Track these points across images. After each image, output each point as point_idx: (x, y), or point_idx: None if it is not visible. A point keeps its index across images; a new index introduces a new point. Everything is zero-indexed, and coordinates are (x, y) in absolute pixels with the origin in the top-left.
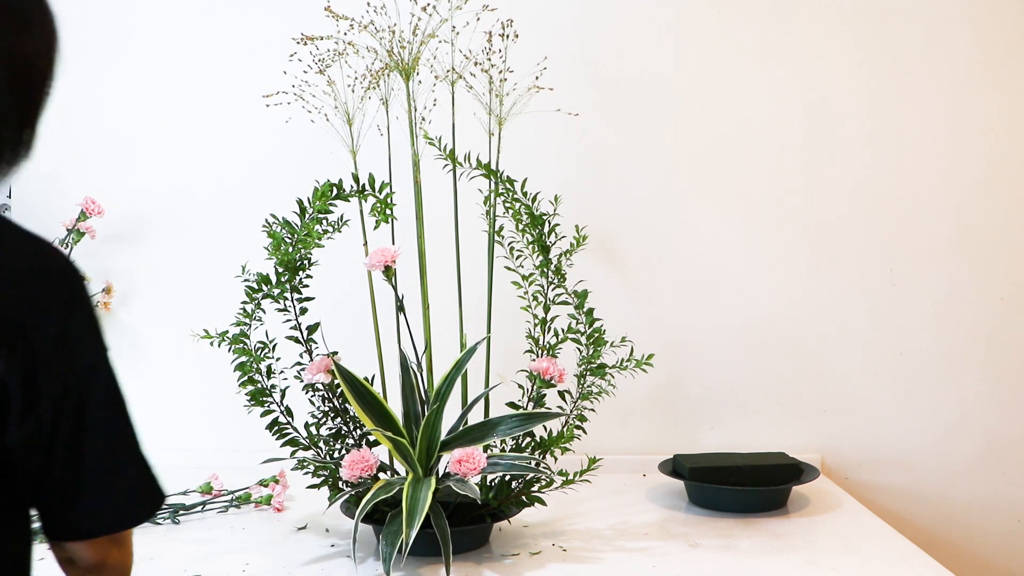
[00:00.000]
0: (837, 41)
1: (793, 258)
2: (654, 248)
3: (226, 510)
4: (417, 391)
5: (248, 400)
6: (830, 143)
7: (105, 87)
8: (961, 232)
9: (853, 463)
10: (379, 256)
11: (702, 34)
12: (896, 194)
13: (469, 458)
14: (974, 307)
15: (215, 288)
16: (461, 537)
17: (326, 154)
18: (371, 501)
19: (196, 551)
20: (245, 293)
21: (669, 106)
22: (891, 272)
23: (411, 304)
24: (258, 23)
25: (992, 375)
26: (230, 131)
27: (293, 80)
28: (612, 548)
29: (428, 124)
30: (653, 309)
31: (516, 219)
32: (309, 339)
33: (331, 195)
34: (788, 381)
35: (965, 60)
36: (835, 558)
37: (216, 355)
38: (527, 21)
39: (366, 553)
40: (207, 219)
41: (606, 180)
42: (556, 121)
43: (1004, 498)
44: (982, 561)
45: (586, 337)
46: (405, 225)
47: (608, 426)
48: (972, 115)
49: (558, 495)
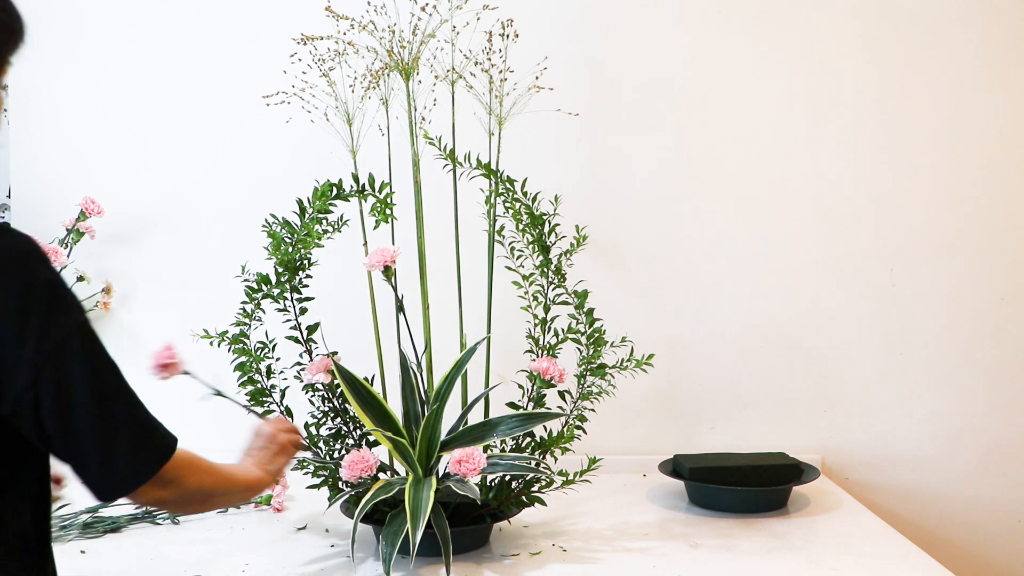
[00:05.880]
0: (838, 42)
1: (794, 258)
2: (654, 248)
3: (226, 510)
4: (417, 391)
5: (248, 400)
6: (830, 143)
7: (105, 87)
8: (962, 232)
9: (853, 463)
10: (379, 256)
11: (702, 34)
12: (897, 194)
13: (469, 458)
14: (975, 307)
15: (215, 288)
16: (461, 537)
17: (326, 154)
18: (371, 501)
19: (196, 551)
20: (245, 293)
21: (669, 106)
22: (892, 272)
23: (411, 304)
24: (258, 23)
25: (992, 375)
26: (230, 131)
27: (293, 80)
28: (612, 548)
29: (428, 124)
30: (653, 309)
31: (516, 219)
32: (309, 339)
33: (331, 195)
34: (788, 381)
35: (966, 61)
36: (835, 558)
37: (216, 355)
38: (527, 21)
39: (366, 553)
40: (207, 219)
41: (606, 180)
42: (556, 121)
43: (1004, 498)
44: (982, 561)
45: (586, 337)
46: (405, 225)
47: (608, 426)
48: (973, 116)
49: (558, 495)
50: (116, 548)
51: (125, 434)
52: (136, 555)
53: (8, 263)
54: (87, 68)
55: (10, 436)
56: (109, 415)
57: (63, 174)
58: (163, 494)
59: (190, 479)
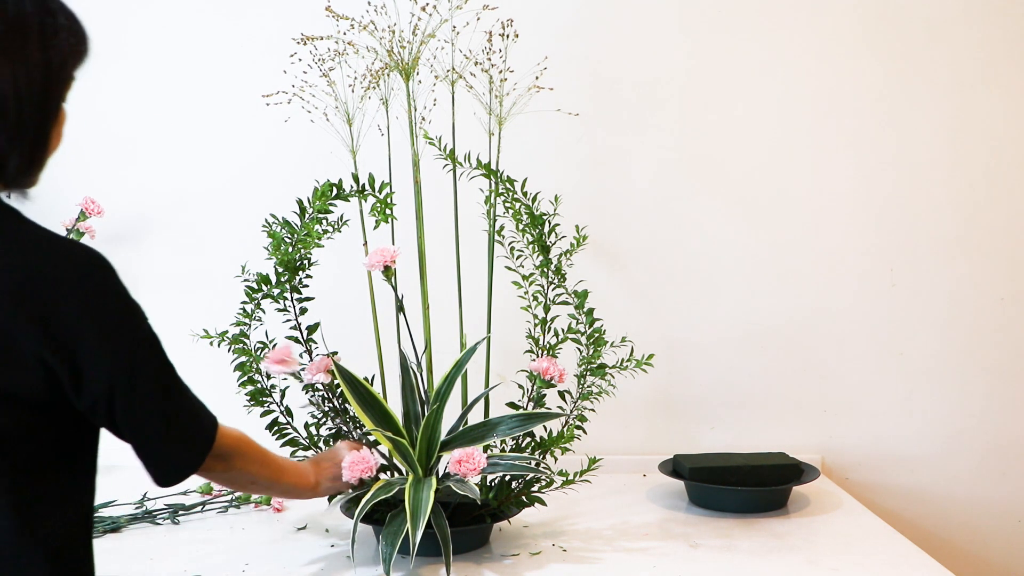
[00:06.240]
0: (838, 42)
1: (794, 258)
2: (654, 248)
3: (226, 510)
4: (417, 391)
5: (248, 400)
6: (831, 144)
7: (105, 87)
8: (962, 233)
9: (853, 463)
10: (379, 256)
11: (703, 34)
12: (897, 194)
13: (469, 458)
14: (975, 307)
15: (215, 288)
16: (461, 537)
17: (326, 154)
18: (371, 501)
19: (196, 551)
20: (245, 293)
21: (669, 106)
22: (892, 272)
23: (411, 304)
24: (258, 23)
25: (992, 375)
26: (230, 131)
27: (293, 80)
28: (612, 548)
29: (428, 124)
30: (653, 309)
31: (516, 219)
32: (309, 339)
33: (331, 195)
34: (788, 381)
35: (967, 61)
36: (835, 558)
37: (216, 355)
38: (527, 21)
39: (366, 553)
40: (207, 219)
41: (606, 180)
42: (556, 121)
43: (1004, 498)
44: (982, 561)
45: (586, 337)
46: (405, 225)
47: (608, 426)
48: (974, 116)
49: (558, 495)
50: (116, 548)
51: (181, 430)
52: (136, 555)
53: (83, 277)
54: (87, 68)
55: (74, 424)
56: (169, 412)
57: (63, 174)
58: (211, 475)
59: (236, 462)
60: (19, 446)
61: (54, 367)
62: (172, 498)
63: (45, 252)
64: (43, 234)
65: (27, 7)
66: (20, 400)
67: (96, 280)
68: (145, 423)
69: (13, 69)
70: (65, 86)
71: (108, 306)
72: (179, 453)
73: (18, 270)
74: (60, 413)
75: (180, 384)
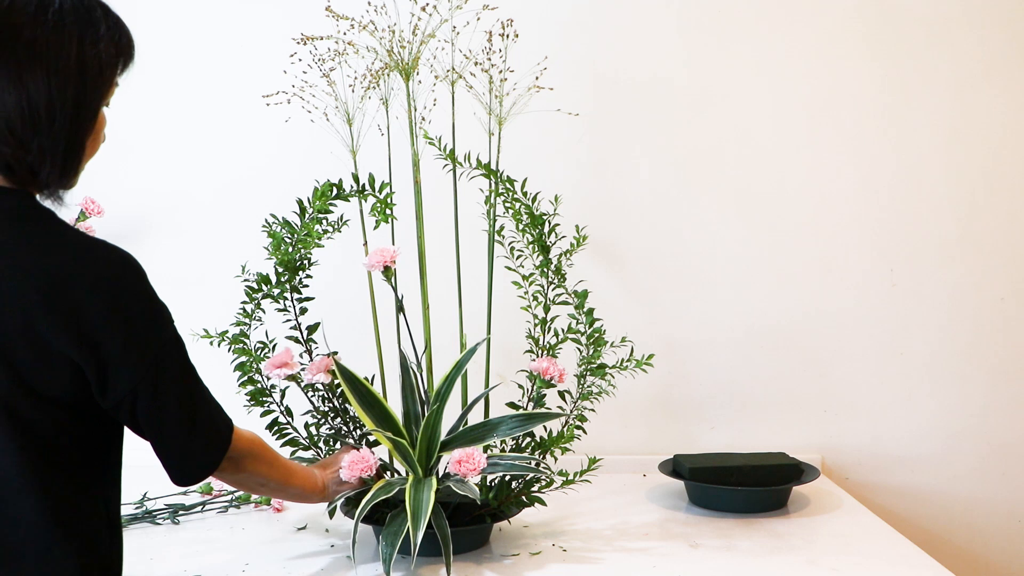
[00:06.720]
0: (838, 42)
1: (794, 258)
2: (654, 248)
3: (226, 510)
4: (417, 391)
5: (248, 400)
6: (831, 143)
7: None
8: (962, 232)
9: (853, 463)
10: (379, 256)
11: (703, 34)
12: (897, 195)
13: (469, 458)
14: (975, 307)
15: (215, 288)
16: (461, 537)
17: (326, 154)
18: (371, 501)
19: (196, 551)
20: (245, 293)
21: (669, 106)
22: (892, 272)
23: (411, 304)
24: (258, 23)
25: (992, 375)
26: (230, 131)
27: (293, 80)
28: (612, 548)
29: (428, 124)
30: (653, 309)
31: (516, 219)
32: (309, 339)
33: (331, 195)
34: (788, 381)
35: (967, 61)
36: (835, 558)
37: (216, 355)
38: (527, 21)
39: (366, 553)
40: (207, 219)
41: (606, 180)
42: (556, 121)
43: (1005, 498)
44: (982, 561)
45: (586, 337)
46: (405, 225)
47: (608, 426)
48: (974, 116)
49: (558, 495)
50: None
51: (200, 432)
52: (136, 555)
53: (113, 278)
54: None
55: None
56: (190, 414)
57: None
58: (223, 476)
59: (248, 464)
60: (50, 443)
61: (81, 365)
62: (172, 498)
63: (76, 253)
64: (75, 235)
65: (67, 17)
66: (51, 398)
67: (126, 282)
68: (166, 423)
69: (48, 79)
70: (104, 93)
71: (136, 308)
72: (198, 454)
73: (50, 270)
74: (88, 411)
75: (201, 387)
